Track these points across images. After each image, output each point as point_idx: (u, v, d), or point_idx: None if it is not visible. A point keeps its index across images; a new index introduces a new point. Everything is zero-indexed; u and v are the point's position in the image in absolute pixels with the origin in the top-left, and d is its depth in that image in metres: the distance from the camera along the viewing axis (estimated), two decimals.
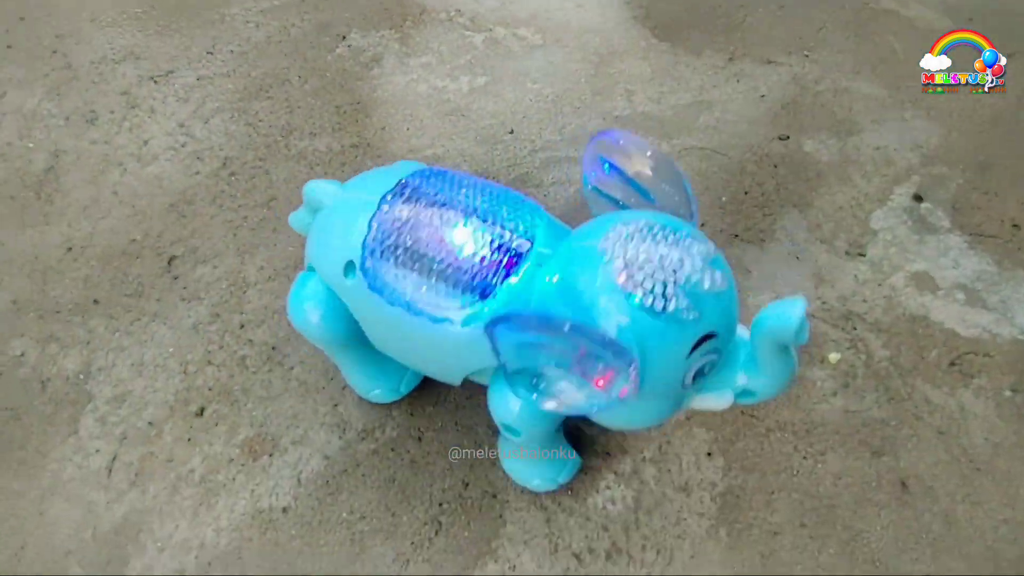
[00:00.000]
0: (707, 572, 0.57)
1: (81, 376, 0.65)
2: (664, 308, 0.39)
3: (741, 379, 0.44)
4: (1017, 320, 0.73)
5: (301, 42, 0.92)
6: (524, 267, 0.46)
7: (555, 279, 0.43)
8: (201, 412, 0.63)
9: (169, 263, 0.72)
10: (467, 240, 0.46)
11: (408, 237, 0.47)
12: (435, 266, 0.46)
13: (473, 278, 0.46)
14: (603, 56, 0.93)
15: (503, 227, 0.47)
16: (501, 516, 0.59)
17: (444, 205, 0.48)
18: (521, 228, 0.47)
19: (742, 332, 0.45)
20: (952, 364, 0.70)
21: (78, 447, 0.61)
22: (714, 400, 0.46)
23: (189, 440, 0.62)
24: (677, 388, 0.43)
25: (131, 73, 0.88)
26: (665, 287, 0.39)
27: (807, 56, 0.96)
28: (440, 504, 0.59)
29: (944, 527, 0.61)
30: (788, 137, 0.87)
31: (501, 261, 0.46)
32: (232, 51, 0.91)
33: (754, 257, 0.76)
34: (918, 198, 0.83)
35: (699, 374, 0.43)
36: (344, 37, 0.93)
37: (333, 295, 0.52)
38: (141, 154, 0.80)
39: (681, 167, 0.49)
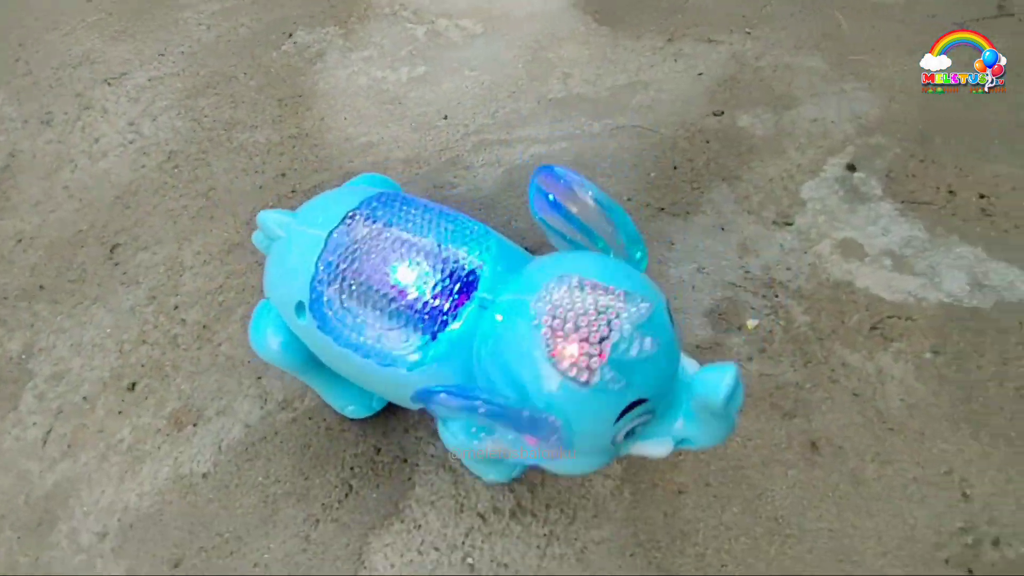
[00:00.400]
0: (608, 531, 0.60)
1: (23, 356, 0.71)
2: (588, 380, 0.39)
3: (679, 426, 0.44)
4: (944, 285, 0.75)
5: (249, 41, 0.98)
6: (466, 312, 0.46)
7: (496, 326, 0.44)
8: (133, 387, 0.69)
9: (112, 251, 0.78)
10: (413, 280, 0.47)
11: (355, 277, 0.47)
12: (382, 308, 0.47)
13: (420, 320, 0.46)
14: (542, 43, 0.97)
15: (450, 264, 0.47)
16: (410, 479, 0.63)
17: (392, 240, 0.48)
18: (468, 264, 0.47)
19: (688, 365, 0.45)
20: (873, 328, 0.72)
21: (17, 421, 0.67)
22: (653, 447, 0.46)
23: (120, 413, 0.67)
24: (607, 447, 0.43)
25: (87, 77, 0.95)
26: (590, 358, 0.39)
27: (749, 34, 0.99)
28: (351, 468, 0.63)
29: (852, 486, 0.63)
30: (723, 113, 0.90)
31: (447, 303, 0.46)
32: (183, 52, 0.97)
33: (679, 229, 0.79)
34: (851, 168, 0.85)
35: (631, 433, 0.43)
36: (290, 35, 0.99)
37: None
38: (92, 151, 0.87)
39: (613, 199, 0.47)
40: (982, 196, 0.83)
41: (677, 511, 0.61)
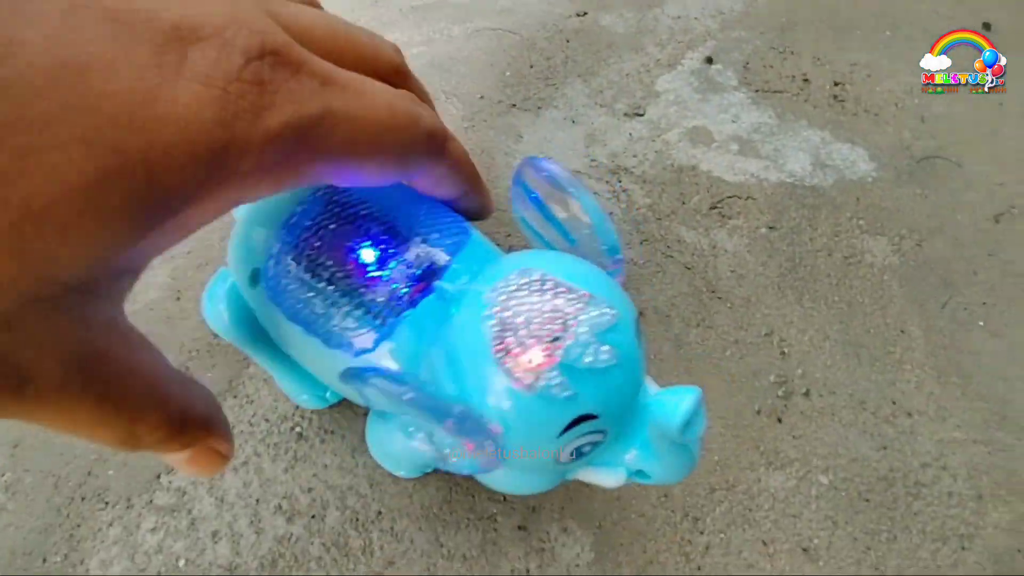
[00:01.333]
0: None
1: None
2: (532, 384, 0.37)
3: (630, 457, 0.42)
4: (787, 166, 0.82)
5: None
6: (423, 302, 0.45)
7: (449, 316, 0.43)
8: None
9: None
10: (374, 261, 0.45)
11: (315, 248, 0.46)
12: (336, 285, 0.45)
13: (373, 304, 0.45)
14: None
15: (419, 251, 0.46)
16: (245, 359, 0.69)
17: (363, 217, 0.47)
18: (438, 256, 0.46)
19: (652, 389, 0.43)
20: (713, 208, 0.79)
21: None
22: (604, 476, 0.44)
23: None
24: (550, 464, 0.42)
25: None
26: (537, 360, 0.37)
27: None
28: (190, 352, 0.70)
29: (674, 348, 0.70)
30: (586, 14, 0.95)
31: (404, 288, 0.45)
32: None
33: (529, 123, 0.85)
34: (709, 60, 0.91)
35: (578, 452, 0.41)
36: None
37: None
38: None
39: (602, 208, 0.46)
40: (836, 84, 0.89)
41: None
